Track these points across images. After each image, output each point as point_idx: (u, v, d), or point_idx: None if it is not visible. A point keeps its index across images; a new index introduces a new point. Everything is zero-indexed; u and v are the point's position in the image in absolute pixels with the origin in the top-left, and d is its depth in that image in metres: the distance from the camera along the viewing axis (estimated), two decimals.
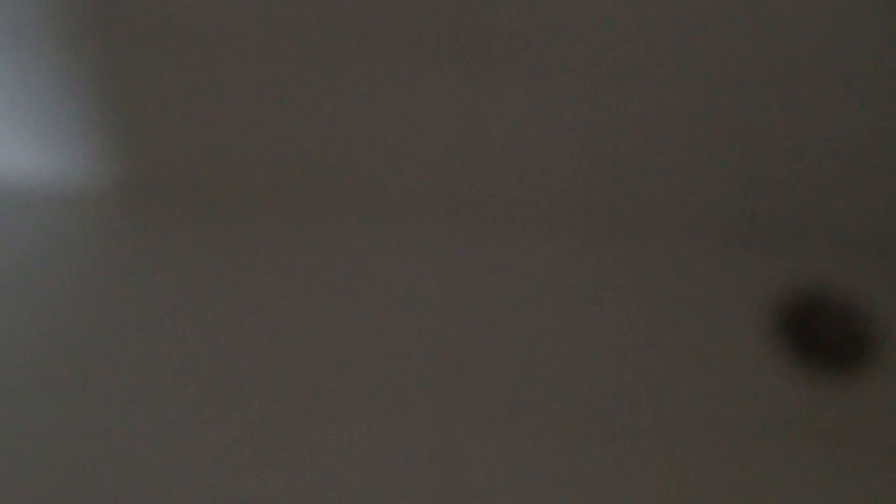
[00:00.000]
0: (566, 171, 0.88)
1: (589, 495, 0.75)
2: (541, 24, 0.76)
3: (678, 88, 0.79)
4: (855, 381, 0.82)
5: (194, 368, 0.81)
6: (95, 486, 0.73)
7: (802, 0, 0.72)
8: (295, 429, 0.77)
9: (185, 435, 0.76)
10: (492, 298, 0.87)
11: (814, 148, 0.83)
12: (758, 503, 0.74)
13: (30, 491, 0.73)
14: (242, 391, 0.80)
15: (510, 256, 0.90)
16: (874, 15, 0.72)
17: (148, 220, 0.90)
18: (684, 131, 0.83)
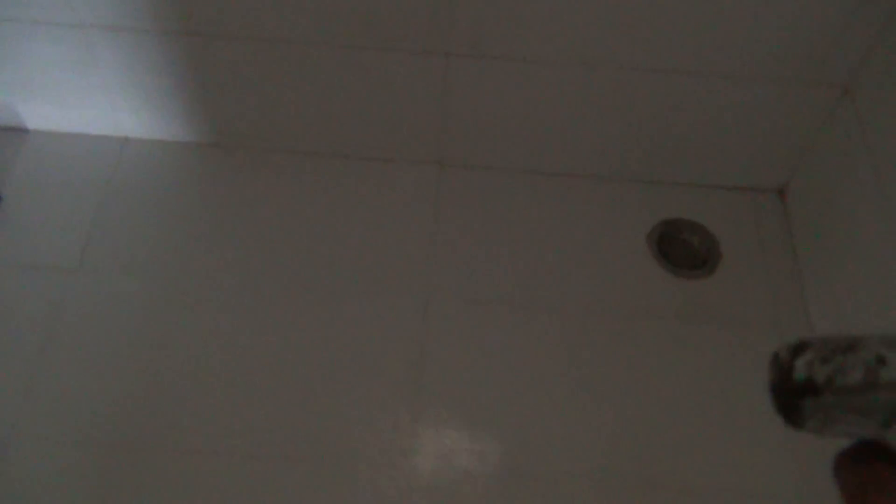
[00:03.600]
0: (524, 129, 1.21)
1: (522, 351, 1.11)
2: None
3: (596, 75, 1.12)
4: (700, 279, 1.20)
5: (248, 258, 1.16)
6: (183, 322, 1.10)
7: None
8: (312, 301, 1.13)
9: (238, 300, 1.13)
10: (462, 225, 1.21)
11: (677, 124, 1.18)
12: (639, 354, 1.12)
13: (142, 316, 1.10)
14: (277, 274, 1.15)
15: (476, 194, 1.24)
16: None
17: (222, 161, 1.27)
18: (600, 108, 1.16)
